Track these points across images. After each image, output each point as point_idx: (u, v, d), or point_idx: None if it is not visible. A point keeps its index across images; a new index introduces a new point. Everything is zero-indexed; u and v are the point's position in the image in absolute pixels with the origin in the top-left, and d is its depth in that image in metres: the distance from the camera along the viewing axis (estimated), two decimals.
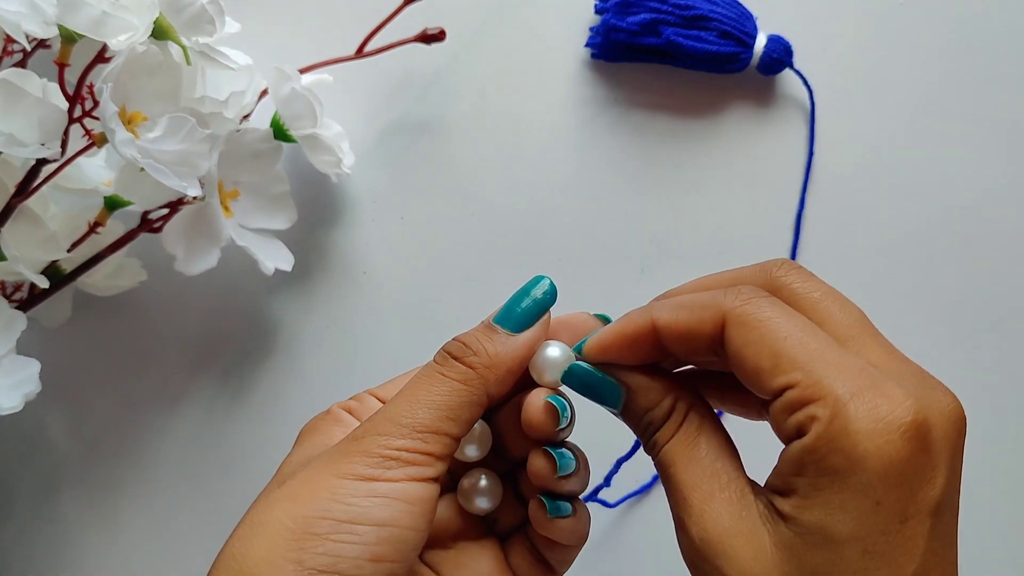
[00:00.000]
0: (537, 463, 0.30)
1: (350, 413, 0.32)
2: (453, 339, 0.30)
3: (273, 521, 0.26)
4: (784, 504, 0.25)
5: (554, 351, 0.30)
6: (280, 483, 0.28)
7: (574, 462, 0.30)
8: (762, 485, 0.27)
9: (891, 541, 0.23)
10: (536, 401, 0.30)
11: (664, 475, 0.28)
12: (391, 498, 0.27)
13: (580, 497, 0.32)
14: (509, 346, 0.29)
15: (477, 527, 0.33)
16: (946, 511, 0.24)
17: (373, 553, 0.26)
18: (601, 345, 0.29)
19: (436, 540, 0.32)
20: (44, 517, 0.47)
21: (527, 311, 0.30)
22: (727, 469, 0.27)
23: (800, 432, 0.24)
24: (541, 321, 0.30)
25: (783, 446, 0.26)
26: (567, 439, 0.32)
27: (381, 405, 0.31)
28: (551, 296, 0.30)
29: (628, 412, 0.29)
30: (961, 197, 0.48)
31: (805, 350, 0.25)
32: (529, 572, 0.32)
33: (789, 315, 0.26)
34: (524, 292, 0.30)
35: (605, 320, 0.32)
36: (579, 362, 0.30)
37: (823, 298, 0.27)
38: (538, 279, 0.30)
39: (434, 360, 0.30)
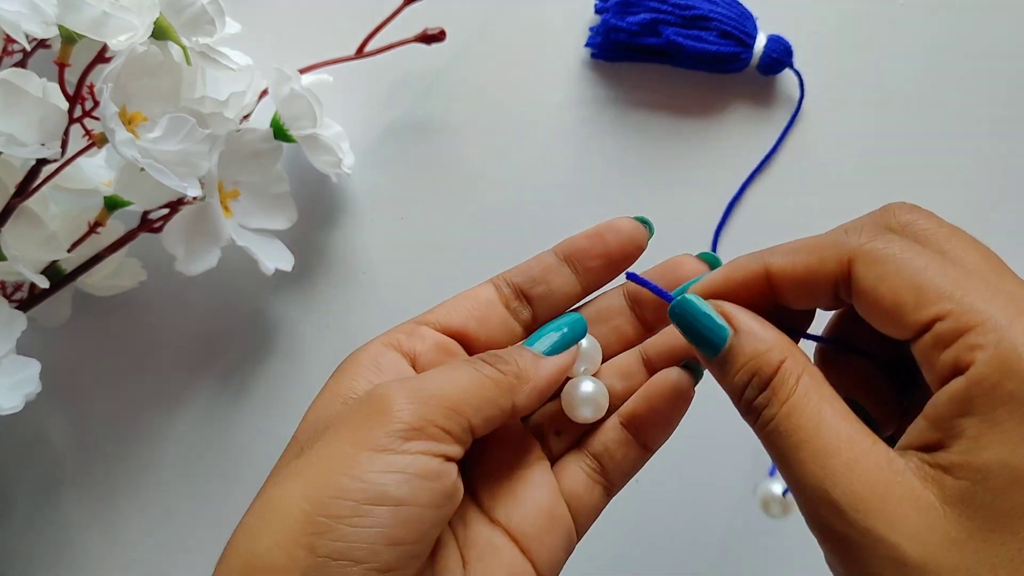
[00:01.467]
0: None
1: (398, 349, 0.30)
2: (487, 352, 0.30)
3: (287, 502, 0.25)
4: (947, 456, 0.22)
5: (588, 386, 0.31)
6: (298, 452, 0.27)
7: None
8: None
9: None
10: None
11: (783, 445, 0.24)
12: (408, 473, 0.25)
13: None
14: (538, 365, 0.29)
15: (530, 453, 0.32)
16: None
17: (390, 536, 0.24)
18: (707, 291, 0.28)
19: (488, 474, 0.31)
20: (44, 517, 0.47)
21: (554, 341, 0.30)
22: (864, 433, 0.24)
23: (960, 367, 0.22)
24: (569, 351, 0.30)
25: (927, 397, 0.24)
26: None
27: (436, 335, 0.31)
28: (580, 330, 0.31)
29: (730, 360, 0.26)
30: (961, 197, 0.48)
31: (949, 279, 0.23)
32: (586, 494, 0.31)
33: (920, 250, 0.24)
34: (553, 324, 0.31)
35: (712, 263, 0.30)
36: (687, 295, 0.27)
37: (952, 235, 0.25)
38: (569, 315, 0.31)
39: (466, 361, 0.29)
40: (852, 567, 0.23)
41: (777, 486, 0.41)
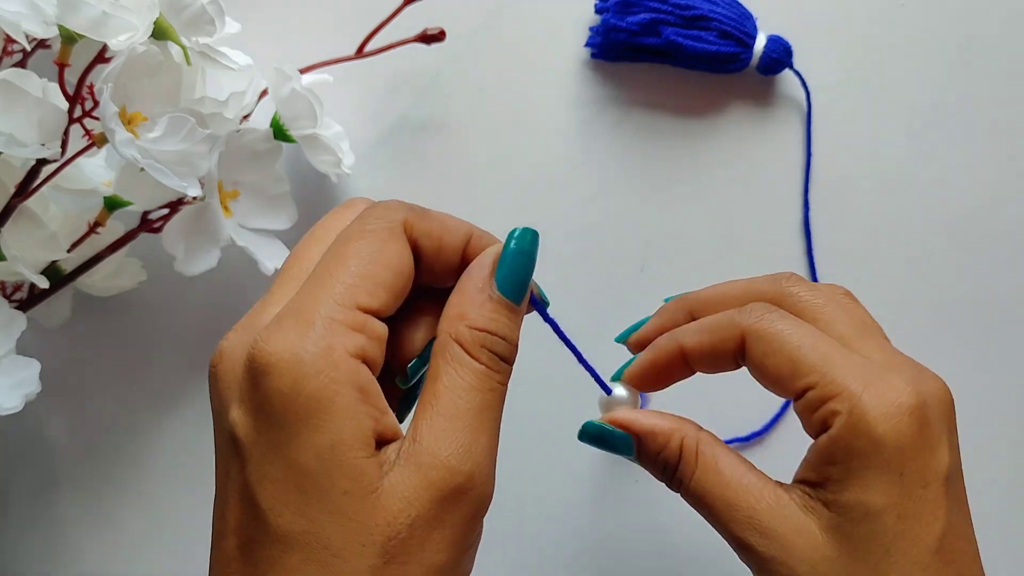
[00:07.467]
0: None
1: (410, 231, 0.31)
2: (500, 337, 0.28)
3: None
4: (822, 493, 0.28)
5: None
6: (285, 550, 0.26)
7: None
8: (789, 483, 0.30)
9: (918, 504, 0.27)
10: None
11: (700, 506, 0.30)
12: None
13: None
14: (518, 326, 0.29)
15: None
16: (955, 478, 0.29)
17: None
18: (638, 373, 0.33)
19: None
20: (43, 517, 0.47)
21: (525, 277, 0.29)
22: (754, 481, 0.30)
23: (825, 426, 0.28)
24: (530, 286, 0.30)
25: (809, 441, 0.30)
26: None
27: (448, 230, 0.31)
28: (535, 248, 0.29)
29: (643, 457, 0.32)
30: (962, 198, 0.48)
31: (817, 354, 0.29)
32: None
33: (798, 325, 0.30)
34: (520, 252, 0.29)
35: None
36: (591, 420, 0.32)
37: (826, 304, 0.31)
38: (524, 233, 0.29)
39: (478, 360, 0.28)
40: None
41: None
